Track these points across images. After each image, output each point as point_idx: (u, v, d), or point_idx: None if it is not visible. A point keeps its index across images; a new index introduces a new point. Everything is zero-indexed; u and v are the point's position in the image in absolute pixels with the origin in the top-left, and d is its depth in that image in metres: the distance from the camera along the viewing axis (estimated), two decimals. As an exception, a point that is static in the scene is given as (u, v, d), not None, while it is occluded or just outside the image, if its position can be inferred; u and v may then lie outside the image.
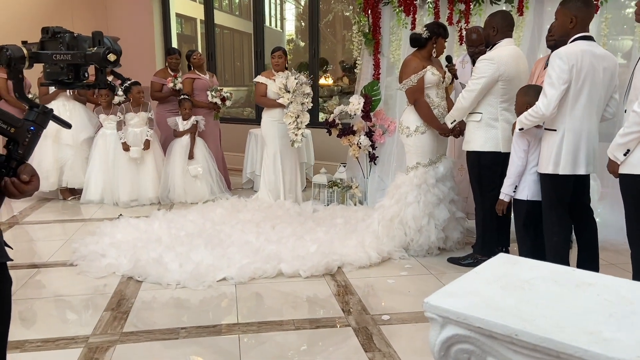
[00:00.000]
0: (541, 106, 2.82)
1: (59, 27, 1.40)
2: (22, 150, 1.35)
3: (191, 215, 4.75)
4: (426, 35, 3.70)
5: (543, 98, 2.82)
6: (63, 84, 1.40)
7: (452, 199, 3.89)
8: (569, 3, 2.93)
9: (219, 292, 3.31)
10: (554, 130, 2.90)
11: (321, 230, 4.25)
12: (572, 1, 2.92)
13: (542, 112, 2.82)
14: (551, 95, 2.79)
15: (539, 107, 2.83)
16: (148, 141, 5.41)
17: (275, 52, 5.17)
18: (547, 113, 2.82)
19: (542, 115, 2.84)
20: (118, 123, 5.39)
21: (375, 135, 4.99)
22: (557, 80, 2.78)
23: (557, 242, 2.99)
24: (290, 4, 11.54)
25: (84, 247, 3.95)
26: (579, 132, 2.86)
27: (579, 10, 2.85)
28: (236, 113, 8.28)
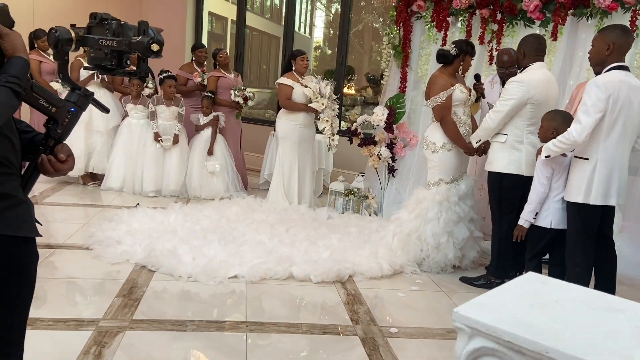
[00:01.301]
0: (574, 132, 2.79)
1: (106, 14, 1.43)
2: (60, 130, 1.38)
3: (207, 210, 4.79)
4: (454, 52, 3.71)
5: (577, 125, 2.79)
6: (106, 69, 1.44)
7: (471, 217, 3.87)
8: (607, 30, 2.93)
9: (229, 289, 3.32)
10: (586, 159, 2.87)
11: (335, 237, 4.25)
12: (611, 28, 2.93)
13: (574, 139, 2.79)
14: (585, 122, 2.76)
15: (571, 134, 2.80)
16: (177, 136, 5.48)
17: (303, 55, 5.16)
18: (579, 140, 2.78)
19: (574, 142, 2.80)
20: (151, 113, 5.47)
21: (396, 148, 4.99)
22: (592, 108, 2.75)
23: (579, 272, 2.95)
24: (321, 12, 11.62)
25: (101, 232, 4.01)
26: (611, 162, 2.84)
27: (618, 38, 2.84)
28: (258, 114, 8.34)
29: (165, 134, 5.46)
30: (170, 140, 5.46)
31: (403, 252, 3.85)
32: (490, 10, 4.56)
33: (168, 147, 5.47)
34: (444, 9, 4.79)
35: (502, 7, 4.47)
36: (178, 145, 5.53)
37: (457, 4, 4.68)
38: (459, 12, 4.75)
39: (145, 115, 5.57)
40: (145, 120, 5.56)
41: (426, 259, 3.83)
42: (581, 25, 4.14)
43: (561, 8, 4.17)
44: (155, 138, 5.42)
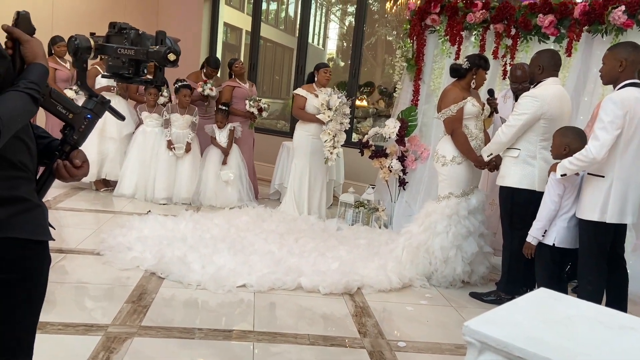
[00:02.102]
0: (592, 149, 2.76)
1: (125, 24, 1.46)
2: (77, 136, 1.40)
3: (217, 219, 4.81)
4: (466, 66, 3.71)
5: (595, 142, 2.76)
6: (123, 77, 1.46)
7: (481, 232, 3.84)
8: (618, 47, 2.92)
9: (238, 297, 3.32)
10: (602, 177, 2.85)
11: (344, 249, 4.25)
12: (622, 45, 2.93)
13: (593, 156, 2.75)
14: (604, 139, 2.73)
15: (590, 151, 2.76)
16: (189, 144, 5.53)
17: (327, 68, 5.22)
18: (598, 157, 2.75)
19: (593, 159, 2.77)
20: (165, 121, 5.53)
21: (408, 161, 4.99)
22: (610, 125, 2.73)
23: (591, 291, 2.91)
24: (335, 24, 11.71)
25: (112, 238, 4.04)
26: (627, 180, 2.81)
27: (629, 54, 2.83)
28: (270, 124, 8.39)
29: (178, 142, 5.51)
30: (182, 148, 5.51)
31: (412, 265, 3.83)
32: (504, 25, 4.57)
33: (180, 155, 5.53)
34: (458, 23, 4.80)
35: (516, 23, 4.48)
36: (190, 154, 5.58)
37: (471, 18, 4.70)
38: (472, 27, 4.76)
39: (160, 124, 5.63)
40: (160, 129, 5.62)
41: (435, 273, 3.80)
42: (596, 42, 4.13)
43: (576, 24, 4.17)
44: (168, 146, 5.47)
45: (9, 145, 1.21)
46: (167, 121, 5.53)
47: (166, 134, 5.50)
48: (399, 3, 8.55)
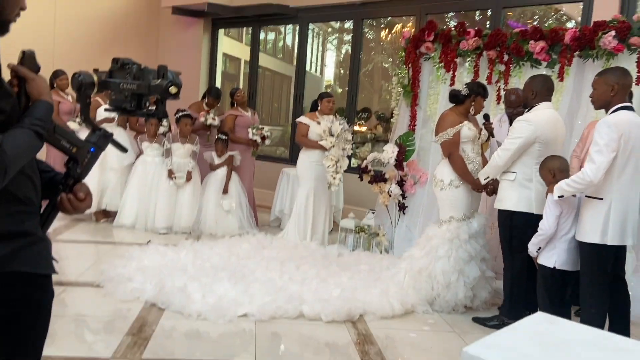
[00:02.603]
0: (589, 172, 2.79)
1: (128, 59, 1.50)
2: (80, 170, 1.43)
3: (217, 247, 4.81)
4: (465, 92, 3.78)
5: (591, 164, 2.80)
6: (126, 111, 1.49)
7: (483, 256, 3.83)
8: (607, 72, 2.99)
9: (239, 327, 3.30)
10: (600, 199, 2.87)
11: (345, 275, 4.23)
12: (611, 70, 3.01)
13: (590, 179, 2.79)
14: (600, 162, 2.77)
15: (587, 174, 2.80)
16: (190, 172, 5.57)
17: (330, 97, 5.32)
18: (595, 180, 2.78)
19: (590, 182, 2.80)
20: (166, 151, 5.58)
21: (407, 185, 5.01)
22: (605, 147, 2.77)
23: (594, 314, 2.91)
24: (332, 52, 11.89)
25: (112, 269, 4.03)
26: (625, 201, 2.84)
27: (620, 79, 2.90)
28: (270, 151, 8.44)
29: (179, 171, 5.55)
30: (183, 177, 5.54)
31: (414, 290, 3.81)
32: (497, 52, 4.65)
33: (181, 184, 5.55)
34: (452, 50, 4.89)
35: (508, 49, 4.56)
36: (191, 182, 5.61)
37: (464, 45, 4.79)
38: (466, 53, 4.85)
39: (160, 153, 5.67)
40: (160, 159, 5.66)
41: (437, 298, 3.78)
42: (587, 66, 4.20)
43: (567, 50, 4.25)
44: (169, 175, 5.50)
45: (14, 180, 1.24)
46: (168, 151, 5.57)
47: (167, 164, 5.54)
48: (394, 31, 8.71)
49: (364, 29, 7.43)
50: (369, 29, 8.80)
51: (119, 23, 8.41)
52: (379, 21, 8.63)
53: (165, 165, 5.56)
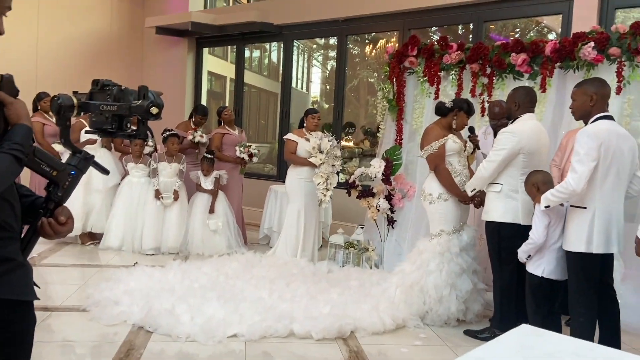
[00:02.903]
0: (571, 182, 2.82)
1: (108, 80, 1.49)
2: (61, 193, 1.41)
3: (206, 267, 4.76)
4: (449, 105, 3.83)
5: (573, 174, 2.82)
6: (106, 132, 1.48)
7: (474, 269, 3.83)
8: (585, 83, 3.04)
9: (229, 348, 3.25)
10: (584, 208, 2.89)
11: (335, 291, 4.20)
12: (589, 81, 3.07)
13: (573, 188, 2.82)
14: (581, 171, 2.80)
15: (569, 183, 2.82)
16: (177, 192, 5.52)
17: (315, 114, 5.32)
18: (577, 189, 2.81)
19: (573, 191, 2.83)
20: (153, 171, 5.53)
21: (395, 199, 5.02)
22: (585, 157, 2.80)
23: (583, 322, 2.91)
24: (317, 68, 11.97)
25: (98, 293, 3.96)
26: (609, 209, 2.86)
27: (598, 89, 2.95)
28: (258, 169, 8.43)
29: (166, 191, 5.51)
30: (170, 197, 5.50)
31: (405, 304, 3.79)
32: (479, 65, 4.71)
33: (168, 204, 5.51)
34: (435, 64, 4.94)
35: (491, 62, 4.62)
36: (178, 202, 5.56)
37: (447, 59, 4.84)
38: (449, 67, 4.90)
39: (146, 174, 5.63)
40: (146, 179, 5.62)
41: (429, 312, 3.76)
42: (569, 77, 4.26)
43: (548, 61, 4.32)
44: (156, 195, 5.46)
45: (-7, 205, 1.21)
46: (155, 171, 5.54)
47: (154, 184, 5.49)
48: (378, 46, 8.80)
49: (349, 45, 7.50)
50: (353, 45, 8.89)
51: (102, 44, 8.41)
52: (363, 37, 8.72)
53: (151, 185, 5.52)
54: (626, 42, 3.94)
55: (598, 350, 1.36)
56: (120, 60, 8.54)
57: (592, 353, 1.33)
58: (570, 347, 1.36)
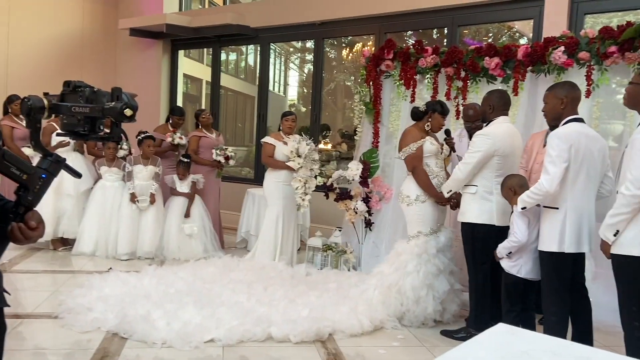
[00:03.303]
0: (544, 183, 2.87)
1: (80, 82, 1.46)
2: (31, 197, 1.37)
3: (182, 272, 4.70)
4: (423, 108, 3.89)
5: (546, 175, 2.88)
6: (78, 135, 1.45)
7: (451, 270, 3.88)
8: (556, 87, 3.12)
9: (205, 354, 3.22)
10: (556, 209, 2.95)
11: (313, 294, 4.20)
12: (560, 85, 3.15)
13: (546, 189, 2.87)
14: (553, 172, 2.86)
15: (542, 184, 2.88)
16: (153, 195, 5.45)
17: (289, 116, 5.31)
18: (550, 190, 2.87)
19: (546, 192, 2.88)
20: (128, 174, 5.44)
21: (372, 202, 5.04)
22: (557, 158, 2.86)
23: (555, 321, 2.97)
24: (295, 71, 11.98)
25: (71, 299, 3.88)
26: (580, 209, 2.93)
27: (569, 92, 3.02)
28: (235, 172, 8.37)
29: (142, 194, 5.43)
30: (146, 200, 5.42)
31: (383, 306, 3.81)
32: (454, 69, 4.78)
33: (144, 208, 5.43)
34: (411, 68, 4.99)
35: (465, 65, 4.69)
36: (154, 206, 5.49)
37: (423, 63, 4.90)
38: (425, 71, 4.96)
39: (120, 178, 5.54)
40: (120, 183, 5.53)
41: (406, 313, 3.79)
42: (540, 81, 4.36)
43: (520, 65, 4.40)
44: (132, 199, 5.37)
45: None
46: (130, 174, 5.45)
47: (129, 187, 5.41)
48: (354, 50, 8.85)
49: (325, 48, 7.52)
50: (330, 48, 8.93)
51: (74, 45, 8.25)
52: (339, 40, 8.76)
53: (126, 189, 5.43)
54: (595, 46, 4.04)
55: (573, 347, 1.39)
56: (93, 63, 8.39)
57: (567, 350, 1.36)
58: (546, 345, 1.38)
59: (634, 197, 2.52)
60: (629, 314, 2.65)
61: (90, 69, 8.23)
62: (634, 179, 2.51)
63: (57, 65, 7.85)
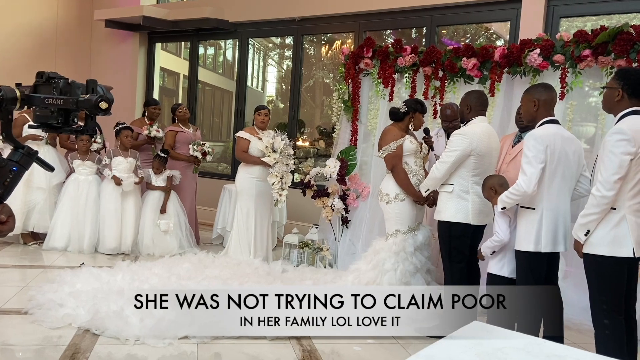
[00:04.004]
0: (522, 184, 2.92)
1: (54, 73, 1.42)
2: (1, 190, 1.34)
3: (156, 268, 4.63)
4: (404, 109, 3.91)
5: (523, 176, 2.92)
6: (51, 127, 1.41)
7: (428, 268, 3.92)
8: (531, 89, 3.18)
9: (180, 350, 3.19)
10: (532, 209, 3.00)
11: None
12: (534, 87, 3.22)
13: (524, 190, 2.91)
14: (530, 173, 2.90)
15: (520, 185, 2.92)
16: (141, 178, 5.39)
17: (262, 110, 5.26)
18: (529, 190, 2.91)
19: (524, 192, 2.92)
20: (104, 166, 5.34)
21: (349, 199, 5.06)
22: (534, 159, 2.91)
23: (530, 320, 3.02)
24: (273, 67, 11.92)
25: (41, 295, 3.79)
26: (556, 210, 2.99)
27: (541, 94, 3.08)
28: (211, 168, 8.30)
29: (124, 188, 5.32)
30: (130, 184, 5.29)
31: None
32: (432, 68, 4.82)
33: (130, 189, 5.30)
34: (390, 67, 5.02)
35: (443, 65, 4.74)
36: (134, 201, 5.38)
37: (401, 62, 4.93)
38: (403, 70, 4.99)
39: (93, 172, 5.43)
40: (94, 177, 5.42)
41: (382, 311, 3.81)
42: (516, 82, 4.43)
43: (497, 66, 4.47)
44: (116, 181, 5.25)
45: None
46: (107, 166, 5.35)
47: (107, 174, 5.29)
48: (334, 47, 8.85)
49: (305, 45, 7.50)
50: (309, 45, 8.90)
51: (48, 36, 8.05)
52: (319, 37, 8.74)
53: (106, 175, 5.29)
54: (569, 49, 4.13)
55: (545, 345, 1.42)
56: (67, 54, 8.20)
57: (540, 347, 1.39)
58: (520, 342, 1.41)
59: (603, 197, 2.58)
60: (599, 311, 2.71)
61: (64, 60, 8.04)
62: (604, 180, 2.58)
63: (30, 56, 7.64)
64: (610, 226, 2.63)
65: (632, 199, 2.62)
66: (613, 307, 2.69)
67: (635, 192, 2.62)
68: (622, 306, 2.73)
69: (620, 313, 2.71)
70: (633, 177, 2.60)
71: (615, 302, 2.70)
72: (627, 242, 2.61)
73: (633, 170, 2.59)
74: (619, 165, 2.56)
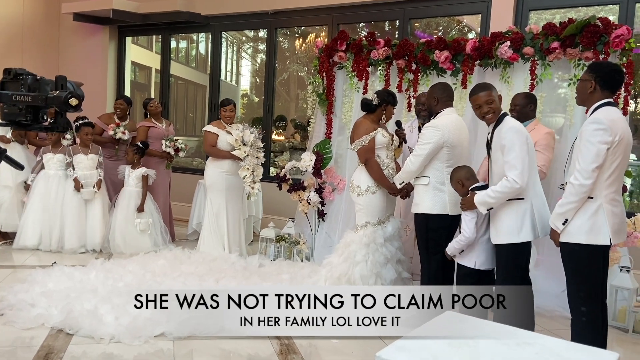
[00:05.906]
0: (516, 179, 2.91)
1: (22, 69, 1.39)
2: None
3: (131, 265, 4.58)
4: (376, 102, 3.92)
5: (514, 171, 2.92)
6: (20, 124, 1.38)
7: (399, 259, 3.97)
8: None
9: (156, 348, 3.16)
10: (522, 199, 3.01)
11: (266, 286, 4.19)
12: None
13: (519, 185, 2.92)
14: (522, 166, 2.92)
15: (515, 180, 2.91)
16: (100, 180, 5.27)
17: (227, 106, 5.21)
18: (523, 184, 2.92)
19: (519, 187, 2.93)
20: (67, 164, 5.22)
21: (325, 192, 5.08)
22: (521, 151, 2.94)
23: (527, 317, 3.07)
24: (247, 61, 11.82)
25: (12, 295, 3.72)
26: (540, 196, 3.07)
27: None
28: (185, 163, 8.21)
29: (87, 186, 5.22)
30: (90, 192, 5.20)
31: (335, 296, 3.85)
32: (405, 61, 4.86)
33: (90, 196, 5.21)
34: (364, 60, 5.04)
35: (416, 58, 4.78)
36: (100, 198, 5.29)
37: (375, 55, 4.95)
38: (377, 63, 5.01)
39: (63, 167, 5.30)
40: (64, 172, 5.29)
41: (357, 302, 3.84)
42: (487, 75, 4.50)
43: (469, 59, 4.53)
44: (76, 186, 5.14)
45: None
46: (69, 164, 5.23)
47: (70, 174, 5.17)
48: (308, 40, 8.83)
49: (278, 38, 7.46)
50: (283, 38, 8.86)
51: (14, 30, 7.80)
52: (292, 30, 8.71)
53: (69, 176, 5.18)
54: (539, 42, 4.21)
55: (517, 333, 1.46)
56: (34, 49, 7.97)
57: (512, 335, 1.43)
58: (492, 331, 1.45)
59: (582, 186, 2.64)
60: (577, 299, 2.77)
61: (32, 55, 7.81)
62: (582, 169, 2.64)
63: (-6, 49, 7.41)
64: (588, 215, 2.69)
65: (608, 187, 2.69)
66: (591, 295, 2.75)
67: (611, 181, 2.69)
68: (599, 293, 2.79)
69: (597, 300, 2.78)
70: (609, 166, 2.66)
71: (593, 289, 2.76)
72: (604, 230, 2.67)
73: (609, 160, 2.65)
74: (597, 154, 2.62)
